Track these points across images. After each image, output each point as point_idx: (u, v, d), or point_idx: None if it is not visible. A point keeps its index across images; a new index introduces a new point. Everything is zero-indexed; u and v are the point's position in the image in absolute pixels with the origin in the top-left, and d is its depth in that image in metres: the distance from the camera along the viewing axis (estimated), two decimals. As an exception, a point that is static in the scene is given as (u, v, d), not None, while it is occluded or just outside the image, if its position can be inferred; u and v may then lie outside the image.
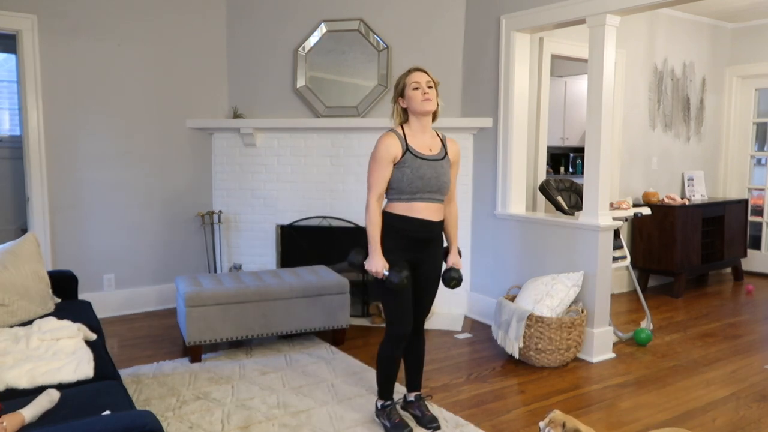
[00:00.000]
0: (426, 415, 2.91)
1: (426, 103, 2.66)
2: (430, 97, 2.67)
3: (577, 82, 7.05)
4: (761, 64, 6.22)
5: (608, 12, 3.60)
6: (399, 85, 2.72)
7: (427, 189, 2.67)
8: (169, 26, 4.85)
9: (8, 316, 2.86)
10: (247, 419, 2.93)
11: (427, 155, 2.70)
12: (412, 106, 2.68)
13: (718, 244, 5.90)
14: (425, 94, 2.65)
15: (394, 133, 2.69)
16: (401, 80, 2.71)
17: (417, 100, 2.66)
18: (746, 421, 2.98)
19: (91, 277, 4.64)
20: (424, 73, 2.70)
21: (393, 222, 2.69)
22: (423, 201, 2.68)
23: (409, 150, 2.66)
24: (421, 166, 2.65)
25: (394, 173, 2.66)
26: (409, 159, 2.65)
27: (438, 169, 2.70)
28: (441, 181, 2.70)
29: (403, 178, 2.64)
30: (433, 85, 2.69)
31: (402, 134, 2.70)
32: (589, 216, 3.81)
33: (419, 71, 2.70)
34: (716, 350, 4.04)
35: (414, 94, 2.66)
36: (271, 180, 5.05)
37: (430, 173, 2.67)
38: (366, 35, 4.79)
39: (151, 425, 1.60)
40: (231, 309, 3.73)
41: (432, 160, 2.70)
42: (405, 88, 2.68)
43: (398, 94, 2.72)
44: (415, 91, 2.66)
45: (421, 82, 2.66)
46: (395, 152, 2.64)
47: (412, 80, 2.67)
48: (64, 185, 4.53)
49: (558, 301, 3.70)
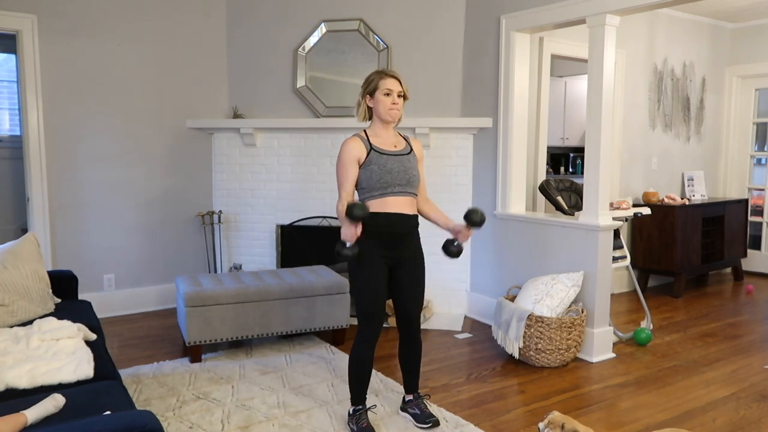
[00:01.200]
0: (424, 411, 2.91)
1: (392, 112, 2.73)
2: (398, 108, 2.74)
3: (577, 82, 7.05)
4: (761, 64, 6.22)
5: (608, 12, 3.60)
6: (371, 83, 2.74)
7: (397, 182, 2.72)
8: (169, 26, 4.85)
9: (8, 316, 2.86)
10: (247, 419, 2.93)
11: (391, 150, 2.76)
12: (378, 109, 2.74)
13: (718, 244, 5.90)
14: (394, 104, 2.72)
15: (357, 137, 2.76)
16: (374, 80, 2.74)
17: (385, 106, 2.72)
18: (746, 421, 2.98)
19: (91, 277, 4.64)
20: (397, 81, 2.74)
21: (368, 221, 2.68)
22: (395, 195, 2.72)
23: (373, 149, 2.73)
24: (388, 161, 2.72)
25: (361, 173, 2.71)
26: (375, 157, 2.71)
27: (405, 163, 2.76)
28: (410, 174, 2.75)
29: (371, 175, 2.69)
30: (403, 94, 2.74)
31: (365, 136, 2.77)
32: (589, 216, 3.81)
33: (394, 78, 2.74)
34: (716, 350, 4.04)
35: (383, 100, 2.71)
36: (271, 180, 5.05)
37: (397, 167, 2.72)
38: (366, 35, 4.79)
39: (151, 425, 1.60)
40: (231, 309, 3.73)
41: (397, 155, 2.76)
42: (376, 90, 2.72)
43: (367, 92, 2.76)
44: (385, 96, 2.71)
45: (393, 90, 2.71)
46: (359, 154, 2.71)
47: (385, 85, 2.71)
48: (64, 185, 4.53)
49: (558, 301, 3.70)
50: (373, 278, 2.73)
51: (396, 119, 2.77)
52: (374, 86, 2.73)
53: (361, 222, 2.56)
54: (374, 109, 2.76)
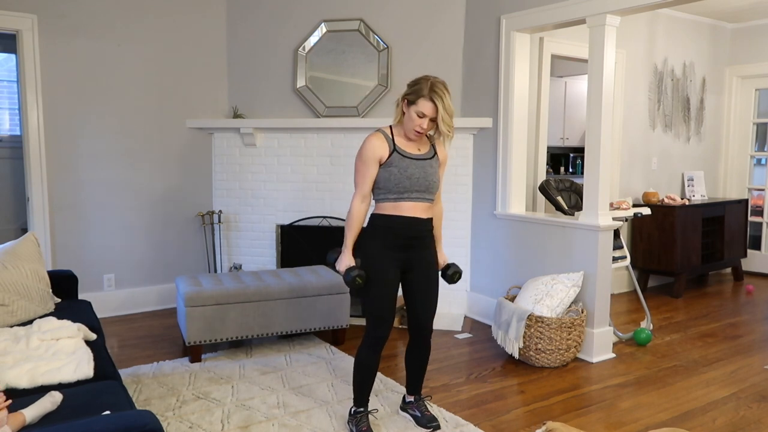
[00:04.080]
0: (425, 414, 2.90)
1: (414, 133, 2.62)
2: (422, 133, 2.63)
3: (577, 82, 7.06)
4: (761, 64, 6.22)
5: (608, 12, 3.60)
6: (413, 93, 2.59)
7: (415, 188, 2.64)
8: (169, 26, 4.85)
9: (8, 316, 2.86)
10: (247, 419, 2.93)
11: (415, 154, 2.67)
12: (405, 122, 2.65)
13: (718, 244, 5.90)
14: (422, 127, 2.59)
15: (381, 134, 2.66)
16: (420, 89, 2.57)
17: (413, 125, 2.60)
18: (746, 421, 2.98)
19: (91, 277, 4.64)
20: (436, 108, 2.56)
21: (381, 222, 2.67)
22: (411, 200, 2.65)
23: (396, 150, 2.64)
24: (409, 166, 2.63)
25: (380, 173, 2.63)
26: (396, 159, 2.63)
27: (426, 169, 2.68)
28: (429, 181, 2.67)
29: (390, 177, 2.62)
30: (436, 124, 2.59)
31: (390, 134, 2.68)
32: (589, 216, 3.81)
33: (435, 104, 2.55)
34: (716, 350, 4.04)
35: (414, 118, 2.59)
36: (271, 180, 5.05)
37: (418, 173, 2.64)
38: (366, 35, 4.79)
39: (151, 425, 1.60)
40: (231, 309, 3.73)
41: (420, 160, 2.67)
42: (416, 102, 2.57)
43: (407, 98, 2.62)
44: (417, 117, 2.58)
45: (428, 115, 2.57)
46: (381, 153, 2.62)
47: (424, 107, 2.56)
48: (64, 185, 4.53)
49: (558, 301, 3.70)
50: (384, 281, 2.67)
51: (417, 140, 2.67)
52: (414, 98, 2.58)
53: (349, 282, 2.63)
54: (405, 116, 2.65)
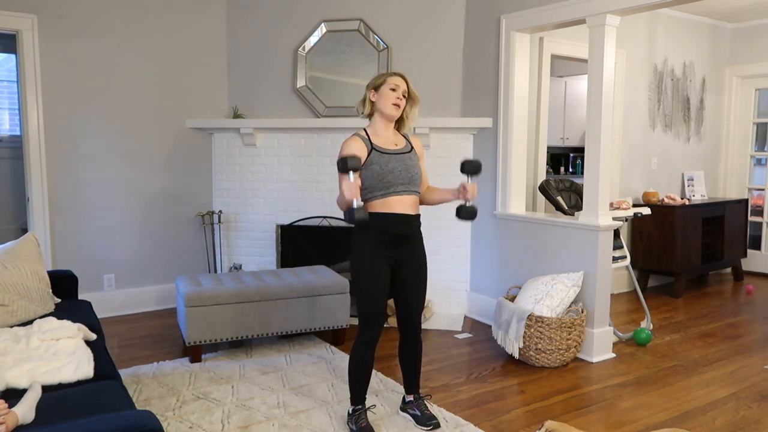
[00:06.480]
0: (425, 413, 2.91)
1: (393, 107, 2.73)
2: (400, 104, 2.75)
3: (577, 82, 7.06)
4: (761, 64, 6.22)
5: (608, 12, 3.60)
6: (378, 79, 2.77)
7: (399, 182, 2.70)
8: (169, 26, 4.85)
9: (8, 316, 2.86)
10: (247, 419, 2.93)
11: (392, 149, 2.76)
12: (380, 103, 2.74)
13: (718, 244, 5.90)
14: (398, 98, 2.73)
15: (357, 136, 2.75)
16: (384, 76, 2.77)
17: (388, 100, 2.72)
18: (746, 421, 2.98)
19: (91, 277, 4.64)
20: (405, 82, 2.77)
21: (371, 221, 2.68)
22: (397, 194, 2.71)
23: (374, 148, 2.72)
24: (389, 161, 2.71)
25: (363, 174, 2.68)
26: (376, 156, 2.70)
27: (407, 161, 2.75)
28: (411, 173, 2.75)
29: (373, 175, 2.68)
30: (408, 95, 2.77)
31: (366, 135, 2.76)
32: (589, 216, 3.81)
33: (403, 78, 2.77)
34: (716, 350, 4.04)
35: (388, 94, 2.72)
36: (271, 180, 5.05)
37: (399, 166, 2.71)
38: (366, 35, 4.79)
39: (151, 425, 1.60)
40: (231, 309, 3.73)
41: (398, 154, 2.75)
42: (383, 84, 2.74)
43: (374, 86, 2.77)
44: (390, 91, 2.72)
45: (400, 87, 2.74)
46: (359, 154, 2.67)
47: (393, 81, 2.73)
48: (64, 185, 4.53)
49: (558, 301, 3.70)
50: (375, 279, 2.72)
51: (396, 116, 2.76)
52: (381, 81, 2.75)
53: (359, 221, 2.53)
54: (377, 103, 2.75)
